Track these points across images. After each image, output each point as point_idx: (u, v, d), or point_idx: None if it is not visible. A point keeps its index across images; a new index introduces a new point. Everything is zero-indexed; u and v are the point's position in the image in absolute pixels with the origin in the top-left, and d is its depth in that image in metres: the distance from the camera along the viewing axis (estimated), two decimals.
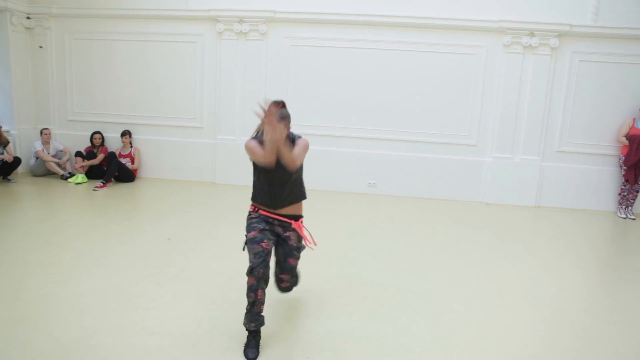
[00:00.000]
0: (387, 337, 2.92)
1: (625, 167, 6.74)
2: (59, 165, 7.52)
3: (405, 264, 4.26)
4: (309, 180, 7.99)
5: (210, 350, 2.69)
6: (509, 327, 3.14)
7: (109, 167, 7.16)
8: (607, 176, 7.02)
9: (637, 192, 6.75)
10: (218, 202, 6.50)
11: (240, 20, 7.09)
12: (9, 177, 7.04)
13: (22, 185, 6.90)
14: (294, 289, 3.28)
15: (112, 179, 7.18)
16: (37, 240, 4.46)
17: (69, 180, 7.25)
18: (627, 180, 6.77)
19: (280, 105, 2.75)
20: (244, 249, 2.82)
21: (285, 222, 2.85)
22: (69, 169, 7.64)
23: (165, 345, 2.71)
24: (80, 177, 7.26)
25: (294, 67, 7.22)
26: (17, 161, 7.06)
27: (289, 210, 2.85)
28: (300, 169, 2.86)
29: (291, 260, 2.93)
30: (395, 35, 7.03)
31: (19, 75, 7.53)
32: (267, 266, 2.65)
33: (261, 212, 2.83)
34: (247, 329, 2.70)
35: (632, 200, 6.80)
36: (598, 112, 6.93)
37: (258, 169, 2.78)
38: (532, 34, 6.74)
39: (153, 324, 2.95)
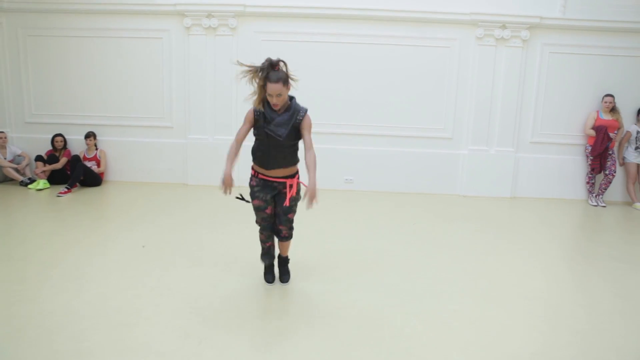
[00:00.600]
0: (384, 341, 2.81)
1: (591, 157, 6.89)
2: (17, 171, 7.06)
3: (391, 263, 4.16)
4: None
5: None
6: (505, 323, 3.08)
7: (74, 171, 6.76)
8: (578, 165, 7.16)
9: (610, 182, 6.91)
10: (191, 204, 6.24)
11: (209, 15, 6.82)
12: None
13: None
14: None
15: (77, 184, 6.79)
16: (19, 258, 4.12)
17: (30, 186, 6.81)
18: (593, 170, 6.93)
19: (277, 67, 2.97)
20: (241, 198, 3.42)
21: (282, 182, 3.20)
22: (29, 174, 7.18)
23: None
24: (42, 183, 6.83)
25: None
26: None
27: (283, 172, 3.19)
28: (297, 140, 3.16)
29: (290, 215, 3.33)
30: (368, 29, 6.92)
31: None
32: (272, 226, 3.39)
33: (260, 176, 3.21)
34: (265, 264, 3.63)
35: (603, 189, 6.96)
36: (568, 102, 7.05)
37: (257, 134, 3.12)
38: (503, 26, 6.77)
39: (135, 342, 2.73)
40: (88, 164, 7.04)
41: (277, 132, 3.01)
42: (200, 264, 3.98)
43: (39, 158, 7.08)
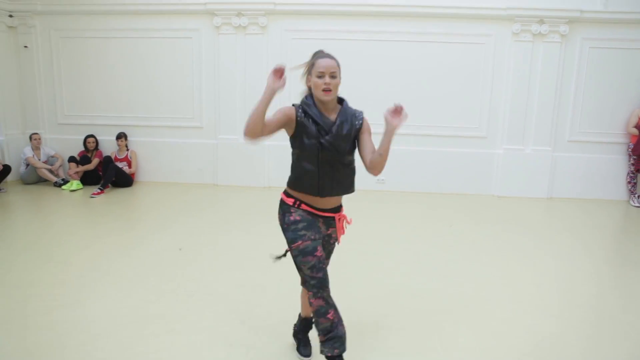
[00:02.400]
0: (437, 352, 2.70)
1: (634, 156, 6.63)
2: (51, 171, 7.14)
3: (432, 267, 4.04)
4: None
5: None
6: (556, 332, 2.93)
7: (106, 172, 6.81)
8: (619, 165, 6.89)
9: None
10: (223, 205, 6.21)
11: (239, 14, 6.77)
12: None
13: (13, 195, 6.52)
14: None
15: (109, 185, 6.83)
16: (38, 256, 4.13)
17: (63, 187, 6.89)
18: (637, 170, 6.66)
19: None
20: (280, 258, 2.38)
21: (329, 217, 2.34)
22: (62, 175, 7.27)
23: None
24: (75, 184, 6.89)
25: (296, 61, 6.90)
26: (7, 169, 6.67)
27: (336, 201, 2.36)
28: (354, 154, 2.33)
29: (327, 261, 2.46)
30: (400, 26, 6.77)
31: (3, 78, 7.13)
32: (328, 279, 2.24)
33: (304, 207, 2.27)
34: (330, 356, 2.24)
35: None
36: (609, 99, 6.79)
37: (302, 146, 2.20)
38: (541, 21, 6.54)
39: (181, 350, 2.68)
40: (119, 164, 7.08)
41: (339, 147, 2.21)
42: (239, 268, 3.92)
43: (71, 159, 7.15)
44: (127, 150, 7.26)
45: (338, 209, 2.38)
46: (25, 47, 7.25)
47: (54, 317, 3.02)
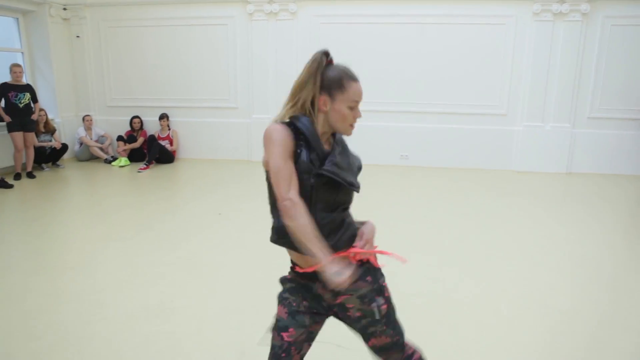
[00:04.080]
0: (439, 297, 3.16)
1: None
2: (102, 149, 7.87)
3: (447, 232, 4.47)
4: None
5: None
6: (552, 283, 3.34)
7: (150, 149, 7.47)
8: (638, 140, 7.03)
9: None
10: (257, 178, 6.72)
11: (270, 1, 7.23)
12: (57, 162, 7.41)
13: (71, 170, 7.27)
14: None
15: (154, 161, 7.50)
16: (100, 219, 4.81)
17: (113, 163, 7.60)
18: None
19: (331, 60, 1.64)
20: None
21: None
22: (112, 152, 7.99)
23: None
24: (124, 161, 7.60)
25: (325, 45, 7.28)
26: (64, 147, 7.42)
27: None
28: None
29: (375, 341, 1.62)
30: (424, 9, 7.08)
31: (59, 66, 7.83)
32: None
33: (297, 268, 1.60)
34: None
35: None
36: (631, 76, 6.91)
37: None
38: (562, 0, 6.72)
39: (226, 289, 3.24)
40: (162, 143, 7.72)
41: (345, 178, 1.50)
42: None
43: (119, 138, 7.85)
44: (169, 129, 7.90)
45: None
46: (78, 37, 7.95)
47: (117, 264, 3.65)
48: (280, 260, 2.32)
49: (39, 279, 3.36)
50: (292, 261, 1.62)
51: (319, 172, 1.46)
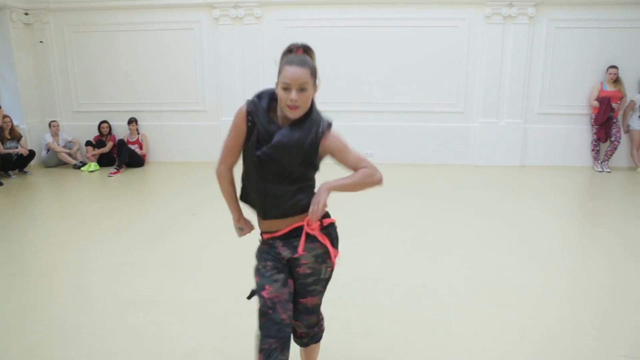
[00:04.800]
0: (403, 270, 3.48)
1: (596, 126, 7.35)
2: (70, 155, 7.86)
3: (408, 220, 4.81)
4: None
5: None
6: (506, 264, 3.72)
7: (120, 154, 7.53)
8: (584, 134, 7.62)
9: (615, 149, 7.37)
10: None
11: (236, 6, 7.42)
12: (25, 169, 7.37)
13: (39, 177, 7.25)
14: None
15: (124, 165, 7.56)
16: (73, 224, 4.91)
17: (82, 169, 7.61)
18: (598, 139, 7.39)
19: (300, 50, 1.80)
20: (249, 298, 1.93)
21: (290, 238, 1.83)
22: (80, 158, 7.99)
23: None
24: (93, 166, 7.63)
25: None
26: (31, 154, 7.39)
27: (287, 223, 1.82)
28: (313, 172, 1.86)
29: (308, 300, 1.91)
30: (384, 12, 7.44)
31: (22, 71, 7.78)
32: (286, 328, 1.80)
33: (264, 235, 1.89)
34: None
35: (609, 155, 7.42)
36: (573, 75, 7.49)
37: (244, 155, 1.82)
38: (510, 4, 7.21)
39: (204, 285, 3.46)
40: (131, 147, 7.79)
41: (275, 156, 1.71)
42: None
43: (88, 143, 7.87)
44: (138, 133, 7.97)
45: (295, 231, 1.81)
46: (41, 42, 7.91)
47: (98, 264, 3.80)
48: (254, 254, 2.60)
49: (22, 280, 3.49)
50: (261, 230, 1.90)
51: (257, 153, 1.72)
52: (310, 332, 1.99)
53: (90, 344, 2.65)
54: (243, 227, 2.00)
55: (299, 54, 1.77)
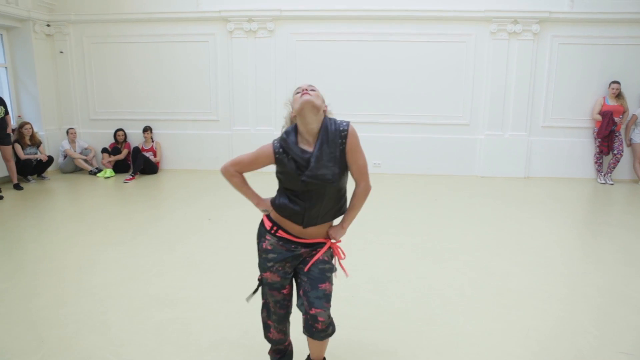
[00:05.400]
0: (412, 277, 3.65)
1: (599, 139, 7.53)
2: (86, 161, 8.10)
3: (416, 228, 4.99)
4: None
5: None
6: (509, 269, 3.88)
7: (135, 161, 7.76)
8: (587, 147, 7.79)
9: (618, 161, 7.54)
10: None
11: (249, 20, 7.69)
12: (43, 175, 7.61)
13: (57, 182, 7.48)
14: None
15: (138, 172, 7.78)
16: (92, 226, 5.11)
17: (98, 175, 7.85)
18: (601, 151, 7.57)
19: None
20: (254, 293, 2.35)
21: (312, 243, 2.17)
22: (96, 164, 8.23)
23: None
24: (109, 172, 7.86)
25: (301, 61, 7.87)
26: (50, 160, 7.63)
27: (322, 230, 2.16)
28: (346, 176, 2.12)
29: (325, 286, 2.13)
30: (393, 28, 7.69)
31: (43, 80, 8.05)
32: (290, 313, 2.32)
33: (281, 233, 2.14)
34: None
35: (612, 168, 7.59)
36: (577, 89, 7.68)
37: (285, 180, 2.08)
38: (515, 21, 7.44)
39: (220, 284, 3.65)
40: (146, 154, 8.02)
41: (323, 177, 1.98)
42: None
43: (104, 150, 8.11)
44: (152, 141, 8.21)
45: (318, 243, 2.17)
46: (61, 52, 8.20)
47: (120, 264, 4.00)
48: None
49: (51, 277, 3.69)
50: (278, 227, 2.16)
51: (302, 179, 1.98)
52: (330, 320, 2.14)
53: (120, 336, 2.84)
54: (267, 208, 2.22)
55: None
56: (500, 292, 3.45)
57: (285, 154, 2.02)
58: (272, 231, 2.16)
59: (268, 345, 2.56)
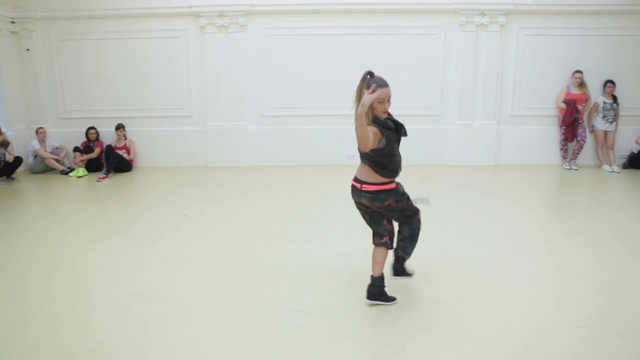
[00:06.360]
0: None
1: (563, 127, 7.82)
2: (57, 161, 7.97)
3: None
4: (295, 156, 8.68)
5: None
6: (481, 247, 4.05)
7: (109, 159, 7.68)
8: (553, 134, 8.08)
9: (581, 148, 7.84)
10: (215, 182, 7.16)
11: (221, 15, 7.67)
12: (12, 176, 7.45)
13: (27, 183, 7.34)
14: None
15: (112, 170, 7.71)
16: (69, 226, 5.08)
17: (70, 174, 7.73)
18: (566, 139, 7.86)
19: (373, 74, 3.05)
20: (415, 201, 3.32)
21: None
22: (68, 164, 8.10)
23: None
24: (81, 171, 7.76)
25: (274, 55, 7.89)
26: (18, 160, 7.48)
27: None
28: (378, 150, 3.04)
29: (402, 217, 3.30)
30: (364, 21, 7.78)
31: (9, 79, 7.87)
32: None
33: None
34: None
35: (576, 154, 7.89)
36: (542, 79, 7.94)
37: (388, 154, 3.12)
38: (483, 13, 7.62)
39: (196, 278, 3.70)
40: (119, 152, 7.94)
41: (406, 132, 3.26)
42: (234, 224, 4.94)
43: (76, 149, 8.00)
44: (126, 139, 8.13)
45: None
46: (28, 50, 8.01)
47: (96, 263, 4.00)
48: (245, 252, 2.84)
49: (24, 279, 3.67)
50: (393, 182, 3.16)
51: (399, 137, 3.27)
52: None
53: (100, 332, 2.87)
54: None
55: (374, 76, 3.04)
56: (469, 275, 3.61)
57: (385, 130, 3.10)
58: (396, 185, 3.18)
59: (248, 336, 2.63)
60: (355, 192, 3.12)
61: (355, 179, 3.15)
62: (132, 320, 3.00)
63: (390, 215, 3.21)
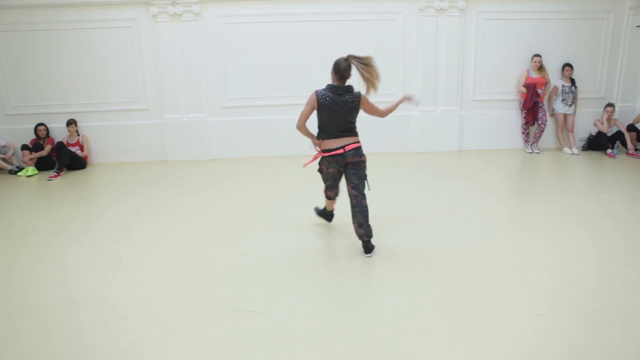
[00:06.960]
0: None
1: (524, 111, 7.87)
2: (4, 160, 7.53)
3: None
4: (256, 147, 8.44)
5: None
6: (445, 231, 3.98)
7: (60, 156, 7.30)
8: (514, 119, 8.12)
9: (542, 131, 7.91)
10: (174, 177, 6.88)
11: (174, 3, 7.33)
12: None
13: None
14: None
15: (64, 168, 7.34)
16: (20, 229, 4.77)
17: (19, 174, 7.32)
18: (527, 122, 7.92)
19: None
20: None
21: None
22: (16, 163, 7.67)
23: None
24: (31, 170, 7.35)
25: (230, 44, 7.62)
26: None
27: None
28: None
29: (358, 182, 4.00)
30: (322, 7, 7.58)
31: None
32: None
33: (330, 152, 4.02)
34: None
35: (537, 138, 7.96)
36: (502, 63, 7.94)
37: None
38: None
39: (152, 277, 3.50)
40: (72, 149, 7.56)
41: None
42: (191, 222, 4.73)
43: (25, 147, 7.56)
44: (78, 135, 7.74)
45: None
46: None
47: (37, 268, 3.75)
48: (200, 250, 2.66)
49: None
50: (325, 150, 3.92)
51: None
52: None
53: (31, 346, 2.66)
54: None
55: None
56: (427, 263, 3.53)
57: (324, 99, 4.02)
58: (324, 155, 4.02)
59: (194, 342, 2.47)
60: (340, 157, 3.86)
61: (334, 149, 3.87)
62: (67, 331, 2.79)
63: (359, 173, 3.87)
